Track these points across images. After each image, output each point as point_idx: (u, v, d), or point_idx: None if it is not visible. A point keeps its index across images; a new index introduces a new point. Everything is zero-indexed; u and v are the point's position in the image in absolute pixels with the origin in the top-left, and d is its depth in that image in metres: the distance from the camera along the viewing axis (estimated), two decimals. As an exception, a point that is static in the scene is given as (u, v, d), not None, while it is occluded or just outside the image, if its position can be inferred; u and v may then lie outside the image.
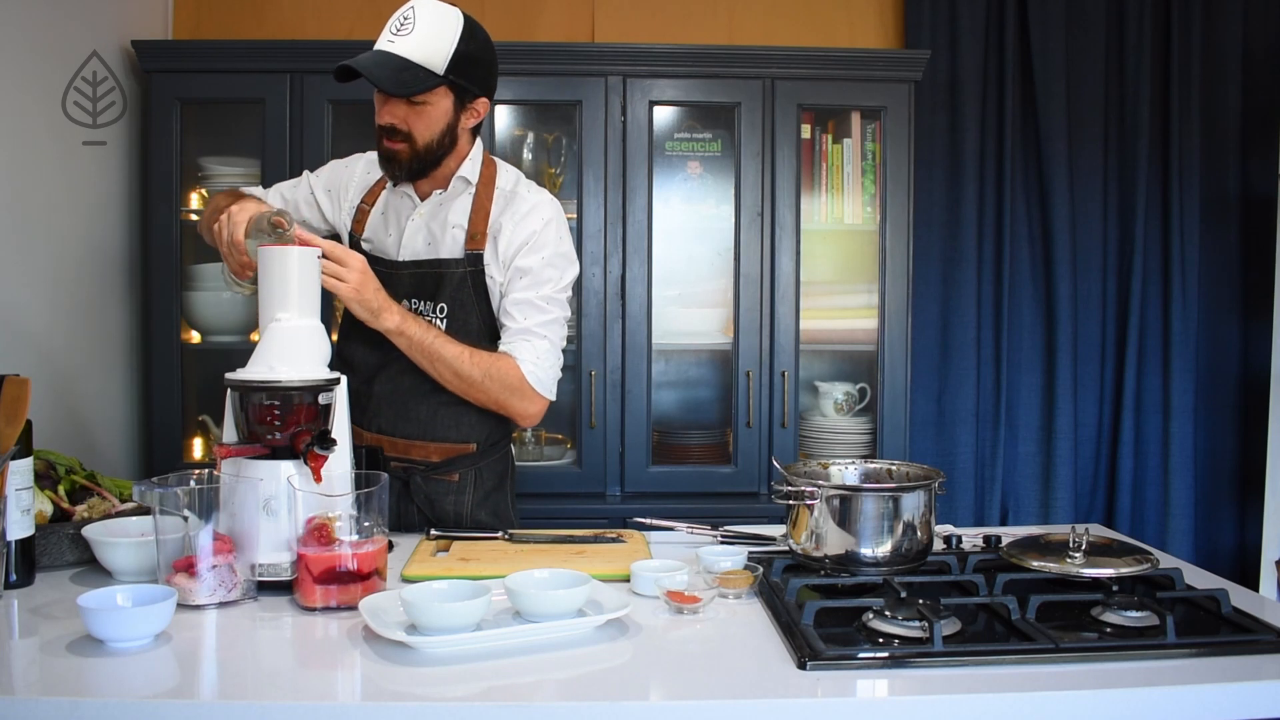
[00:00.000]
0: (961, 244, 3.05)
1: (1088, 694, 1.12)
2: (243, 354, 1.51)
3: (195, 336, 2.79)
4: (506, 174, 1.89)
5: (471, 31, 1.70)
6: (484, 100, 1.78)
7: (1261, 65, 3.07)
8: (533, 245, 1.81)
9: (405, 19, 1.66)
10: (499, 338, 1.86)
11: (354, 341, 1.88)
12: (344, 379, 1.52)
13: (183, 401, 2.71)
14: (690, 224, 2.90)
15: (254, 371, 1.44)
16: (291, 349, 1.46)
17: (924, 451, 3.04)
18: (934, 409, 3.09)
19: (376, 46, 1.68)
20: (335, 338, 1.87)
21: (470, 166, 1.83)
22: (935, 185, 3.05)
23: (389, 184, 1.87)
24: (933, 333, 3.08)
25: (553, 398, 1.84)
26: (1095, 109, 3.07)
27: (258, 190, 1.97)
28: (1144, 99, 3.04)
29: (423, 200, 1.85)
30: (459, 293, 1.82)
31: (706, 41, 3.01)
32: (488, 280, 1.83)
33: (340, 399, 1.51)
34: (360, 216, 1.91)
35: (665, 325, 2.81)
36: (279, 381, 1.42)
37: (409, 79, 1.66)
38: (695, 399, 3.01)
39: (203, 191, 2.81)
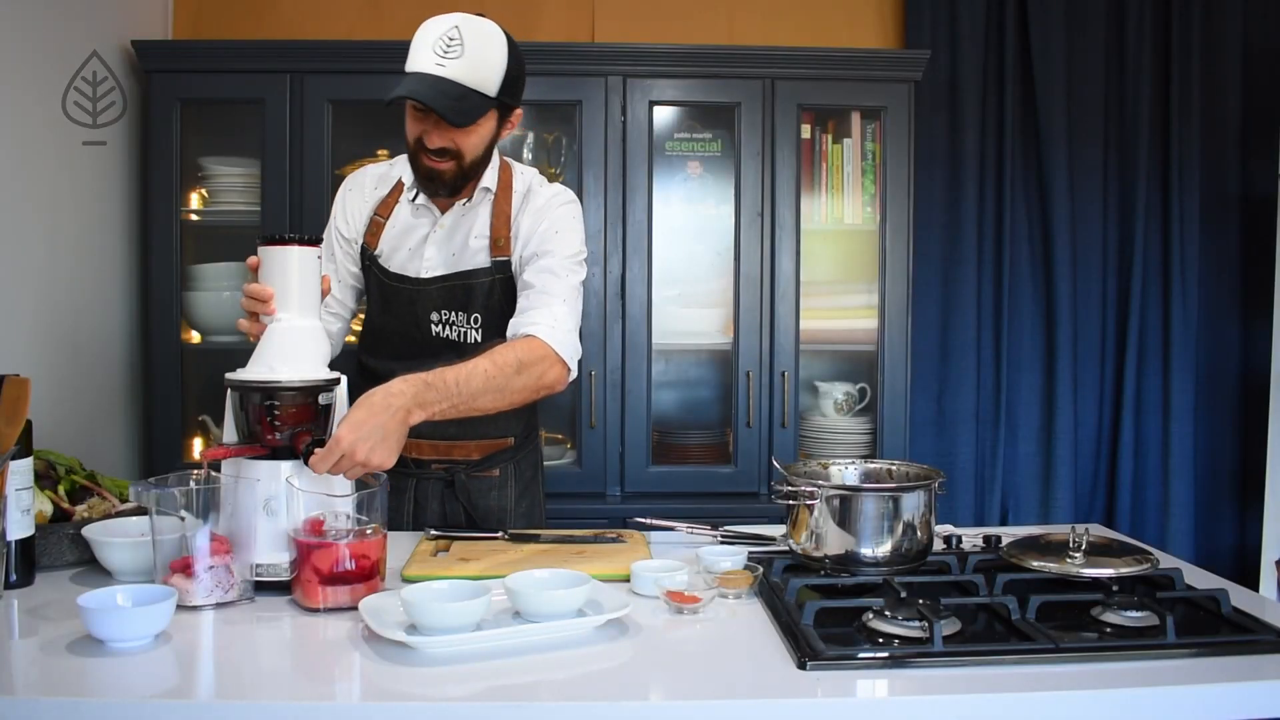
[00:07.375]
0: (961, 244, 3.05)
1: (1088, 694, 1.12)
2: (243, 354, 1.51)
3: (195, 336, 2.79)
4: (521, 176, 1.86)
5: (513, 48, 1.68)
6: (519, 110, 1.78)
7: (1261, 65, 3.07)
8: (545, 224, 1.78)
9: (452, 40, 1.61)
10: None
11: (379, 355, 1.86)
12: (344, 378, 1.52)
13: (183, 401, 2.71)
14: (690, 224, 2.89)
15: (254, 371, 1.44)
16: (291, 349, 1.46)
17: (924, 451, 3.04)
18: (934, 409, 3.09)
19: (421, 69, 1.61)
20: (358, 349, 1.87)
21: (490, 175, 1.81)
22: (935, 185, 3.05)
23: (407, 197, 1.83)
24: (933, 333, 3.08)
25: (574, 367, 1.71)
26: (1095, 109, 3.07)
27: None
28: (1144, 99, 3.04)
29: (443, 213, 1.82)
30: (489, 300, 1.81)
31: (706, 41, 3.01)
32: (516, 283, 1.80)
33: (340, 399, 1.51)
34: (374, 229, 1.85)
35: (665, 325, 2.81)
36: (279, 382, 1.42)
37: (468, 108, 1.62)
38: (695, 399, 3.01)
39: (202, 191, 2.81)
